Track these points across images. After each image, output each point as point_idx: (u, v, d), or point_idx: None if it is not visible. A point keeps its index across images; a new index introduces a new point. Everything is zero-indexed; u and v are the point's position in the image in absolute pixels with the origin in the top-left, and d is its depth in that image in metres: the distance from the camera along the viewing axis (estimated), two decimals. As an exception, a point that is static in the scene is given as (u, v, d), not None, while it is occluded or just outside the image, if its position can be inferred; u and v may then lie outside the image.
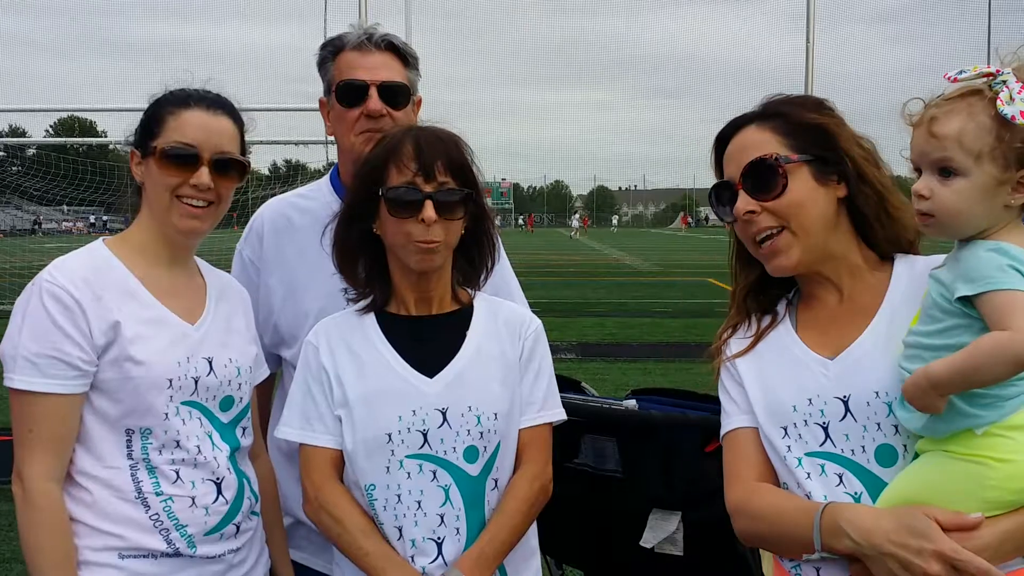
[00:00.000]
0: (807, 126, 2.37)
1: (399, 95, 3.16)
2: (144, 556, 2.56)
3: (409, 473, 2.56)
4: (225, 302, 2.87)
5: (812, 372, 2.32)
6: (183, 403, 2.60)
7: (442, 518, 2.56)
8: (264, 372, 3.06)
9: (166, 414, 2.56)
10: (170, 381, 2.56)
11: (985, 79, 2.04)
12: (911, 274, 2.35)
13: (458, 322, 2.74)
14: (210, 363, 2.67)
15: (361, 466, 2.59)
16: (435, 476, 2.56)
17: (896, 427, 2.18)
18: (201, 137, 2.63)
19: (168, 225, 2.67)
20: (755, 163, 2.34)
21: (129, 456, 2.56)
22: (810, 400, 2.29)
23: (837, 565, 2.20)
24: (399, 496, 2.55)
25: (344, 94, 3.15)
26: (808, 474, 2.26)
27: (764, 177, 2.33)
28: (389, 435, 2.56)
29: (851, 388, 2.24)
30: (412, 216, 2.55)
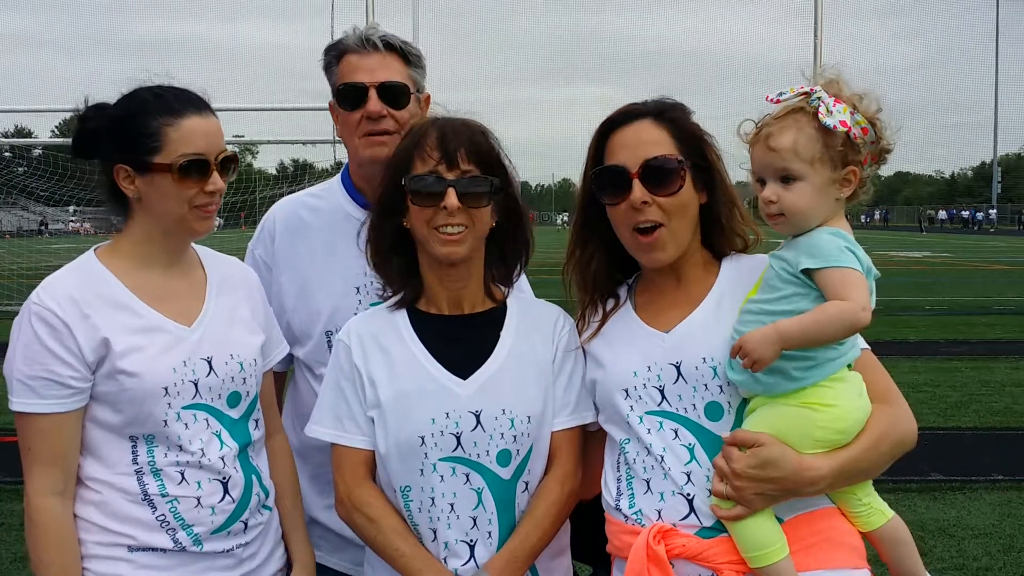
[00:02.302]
0: (692, 136, 2.67)
1: (399, 95, 3.16)
2: (152, 551, 2.59)
3: (442, 476, 2.56)
4: (227, 293, 2.84)
5: (650, 343, 2.64)
6: (186, 407, 2.61)
7: (475, 521, 2.57)
8: (282, 351, 3.06)
9: (165, 421, 2.58)
10: (166, 389, 2.57)
11: (802, 97, 2.44)
12: (737, 269, 2.71)
13: (491, 322, 2.74)
14: (209, 363, 2.67)
15: (395, 468, 2.60)
16: (468, 479, 2.57)
17: (721, 387, 2.54)
18: (206, 144, 2.61)
19: (184, 231, 2.68)
20: (660, 160, 2.59)
21: (135, 461, 2.59)
22: (649, 367, 2.60)
23: (676, 508, 2.51)
24: (433, 499, 2.56)
25: (344, 97, 3.16)
26: (648, 430, 2.56)
27: (664, 175, 2.59)
28: (422, 438, 2.56)
29: (682, 355, 2.57)
30: (434, 204, 2.56)
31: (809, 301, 2.39)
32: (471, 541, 2.57)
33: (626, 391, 2.60)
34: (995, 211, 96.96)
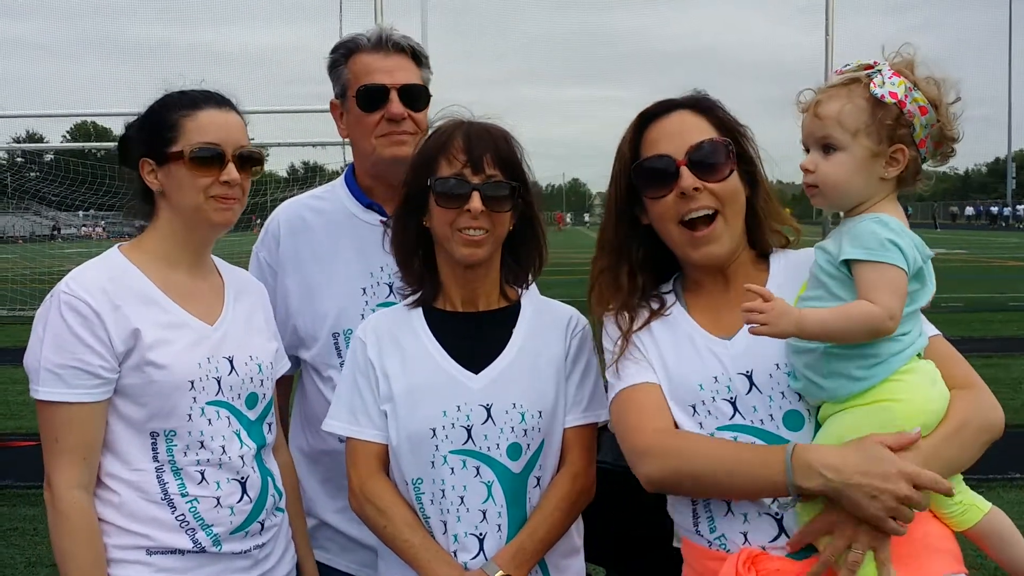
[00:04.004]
0: (731, 127, 2.58)
1: (419, 97, 3.17)
2: (172, 553, 2.60)
3: (453, 468, 2.57)
4: (243, 300, 2.90)
5: (713, 352, 2.49)
6: (209, 403, 2.64)
7: (484, 514, 2.57)
8: (285, 365, 3.07)
9: (189, 415, 2.60)
10: (192, 383, 2.60)
11: (866, 71, 2.32)
12: (786, 265, 2.60)
13: (505, 319, 2.76)
14: (231, 362, 2.71)
15: (406, 461, 2.61)
16: (478, 472, 2.58)
17: (799, 393, 2.39)
18: (222, 135, 2.67)
19: (201, 222, 2.70)
20: (707, 144, 2.50)
21: (155, 459, 2.60)
22: (715, 378, 2.45)
23: (764, 529, 2.36)
24: (443, 491, 2.57)
25: (365, 98, 3.14)
26: None
27: (713, 158, 2.49)
28: (433, 430, 2.58)
29: (753, 364, 2.43)
30: (459, 207, 2.58)
31: (854, 296, 2.27)
32: (480, 534, 2.57)
33: (693, 407, 2.46)
34: (1021, 206, 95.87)
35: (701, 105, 2.58)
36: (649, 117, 2.59)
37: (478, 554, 2.56)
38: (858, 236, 2.27)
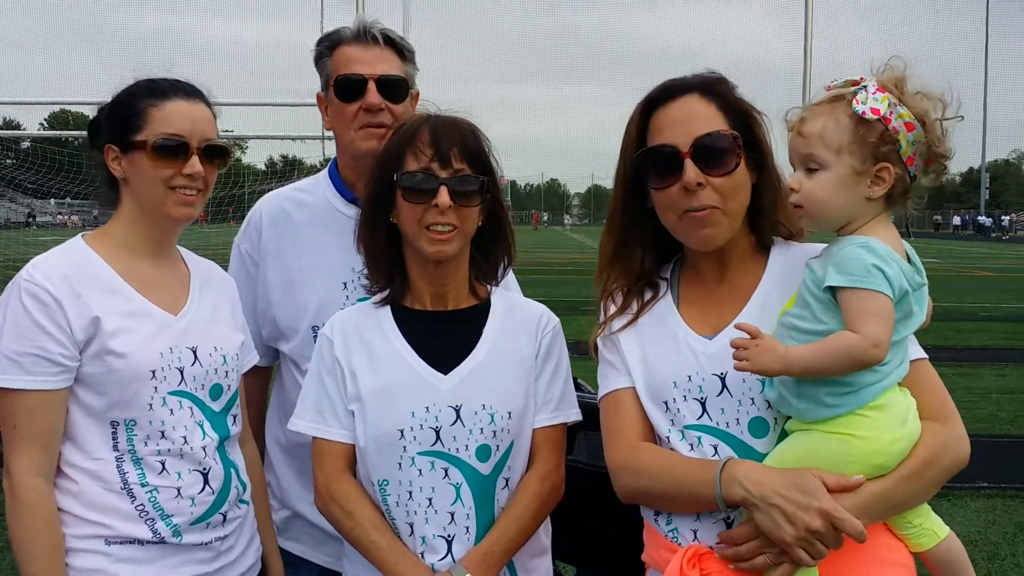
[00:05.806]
0: (741, 111, 2.48)
1: (398, 89, 3.16)
2: (130, 543, 2.59)
3: (421, 470, 2.55)
4: (209, 290, 2.88)
5: (692, 350, 2.46)
6: (171, 393, 2.62)
7: (452, 516, 2.56)
8: (252, 359, 3.06)
9: (150, 404, 2.58)
10: (153, 372, 2.59)
11: (852, 87, 2.27)
12: (786, 260, 2.52)
13: (475, 318, 2.73)
14: (194, 352, 2.69)
15: (373, 462, 2.59)
16: (447, 474, 2.55)
17: (768, 402, 2.36)
18: (188, 127, 2.65)
19: (161, 214, 2.69)
20: (713, 136, 2.40)
21: (115, 448, 2.59)
22: (689, 376, 2.43)
23: (713, 528, 2.37)
24: (411, 493, 2.55)
25: (342, 88, 3.14)
26: (691, 445, 2.41)
27: (719, 153, 2.40)
28: (401, 431, 2.56)
29: (728, 366, 2.36)
30: (426, 202, 2.55)
31: (838, 323, 2.22)
32: (448, 536, 2.56)
33: (665, 404, 2.46)
34: (1008, 217, 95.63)
35: (712, 89, 2.48)
36: (656, 102, 2.50)
37: (446, 555, 2.55)
38: (842, 261, 2.21)
